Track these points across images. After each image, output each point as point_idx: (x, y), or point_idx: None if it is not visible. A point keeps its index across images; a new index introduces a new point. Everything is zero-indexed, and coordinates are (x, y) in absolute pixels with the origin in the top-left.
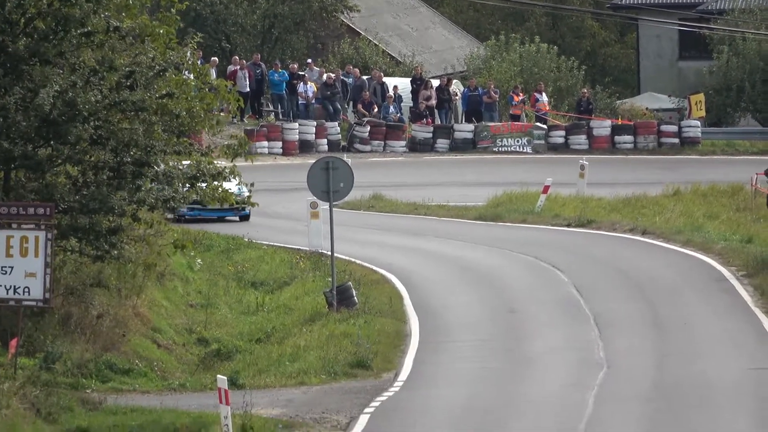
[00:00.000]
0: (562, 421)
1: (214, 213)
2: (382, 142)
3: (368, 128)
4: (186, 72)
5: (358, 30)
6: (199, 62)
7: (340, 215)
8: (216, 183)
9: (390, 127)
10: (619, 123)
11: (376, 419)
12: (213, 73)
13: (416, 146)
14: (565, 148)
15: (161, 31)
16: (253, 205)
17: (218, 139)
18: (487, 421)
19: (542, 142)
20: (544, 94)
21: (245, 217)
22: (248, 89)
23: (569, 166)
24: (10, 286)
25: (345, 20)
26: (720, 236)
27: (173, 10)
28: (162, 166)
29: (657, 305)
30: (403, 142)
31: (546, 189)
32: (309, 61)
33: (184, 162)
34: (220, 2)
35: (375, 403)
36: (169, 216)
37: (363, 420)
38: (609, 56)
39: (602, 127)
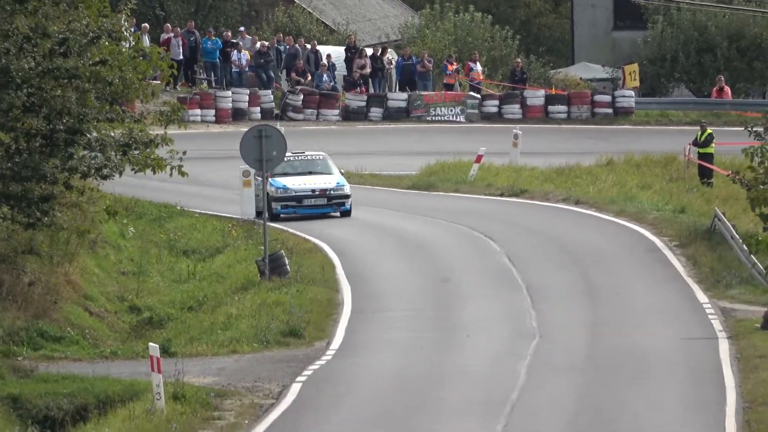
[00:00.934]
0: (494, 391)
1: (311, 210)
2: (316, 111)
3: (301, 97)
4: (119, 40)
5: None
6: (132, 29)
7: None
8: (148, 150)
9: (323, 95)
10: (553, 93)
11: (308, 388)
12: (146, 39)
13: (350, 115)
14: (498, 117)
15: None
16: (184, 174)
17: (151, 106)
18: (419, 389)
19: (476, 111)
20: (478, 63)
21: (346, 213)
22: (181, 57)
23: (502, 135)
24: None
25: None
26: (653, 206)
27: None
28: (95, 133)
29: (590, 275)
30: (337, 111)
31: (479, 158)
32: (242, 29)
33: (116, 130)
34: None
35: (307, 372)
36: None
37: (295, 388)
38: (543, 26)
39: (536, 96)
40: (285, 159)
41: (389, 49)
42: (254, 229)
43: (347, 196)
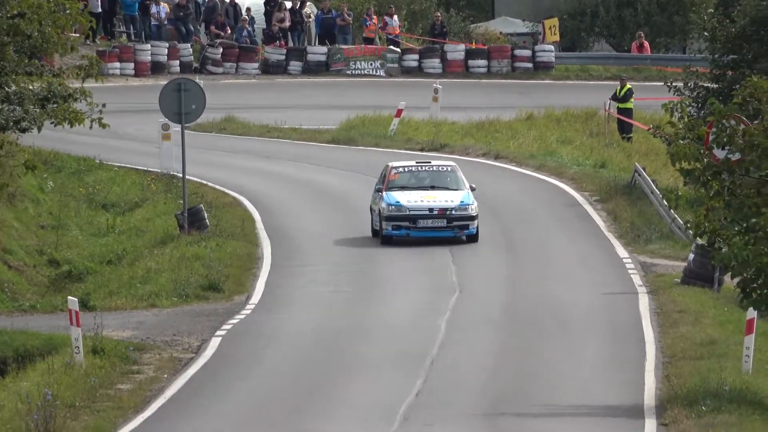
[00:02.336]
0: (414, 345)
1: (427, 233)
2: (235, 64)
3: (221, 50)
4: None
5: None
6: None
7: (192, 137)
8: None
9: (243, 49)
10: (473, 47)
11: (228, 342)
12: None
13: (269, 68)
14: (418, 71)
15: None
16: (104, 126)
17: (70, 59)
18: (339, 344)
19: (395, 65)
20: (395, 17)
21: (472, 237)
22: (100, 10)
23: (423, 89)
24: None
25: None
26: (573, 161)
27: None
28: (13, 87)
29: (510, 230)
30: (256, 64)
31: (399, 113)
32: None
33: (35, 83)
34: None
35: (227, 326)
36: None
37: (214, 343)
38: None
39: (456, 51)
40: (406, 169)
41: (308, 3)
42: (173, 183)
43: (472, 218)
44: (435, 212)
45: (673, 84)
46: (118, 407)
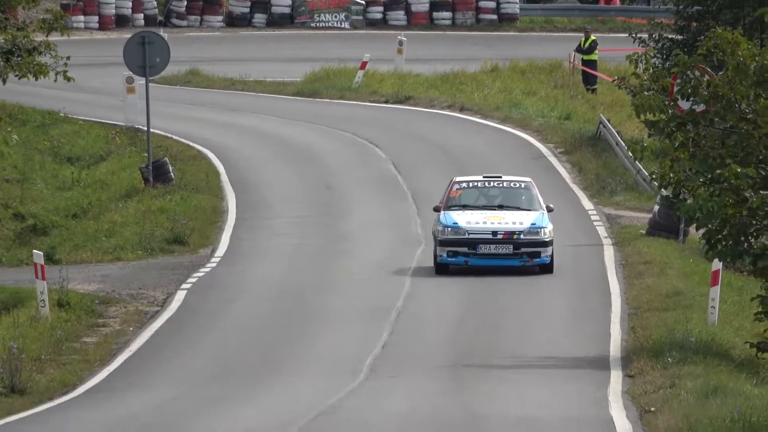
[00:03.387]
0: (379, 298)
1: (490, 260)
2: (199, 17)
3: (185, 3)
4: None
5: None
6: None
7: (156, 90)
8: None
9: (207, 1)
10: None
11: (193, 295)
12: None
13: (233, 21)
14: (383, 23)
15: None
16: (69, 79)
17: (34, 13)
18: (305, 297)
19: (360, 17)
20: None
21: (546, 267)
22: None
23: (387, 42)
24: None
25: None
26: (538, 113)
27: None
28: None
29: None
30: (220, 17)
31: (363, 65)
32: None
33: None
34: None
35: (192, 279)
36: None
37: (180, 296)
38: None
39: (420, 3)
40: (471, 184)
41: None
42: (138, 136)
43: (545, 244)
44: (499, 236)
45: (638, 35)
46: (83, 360)
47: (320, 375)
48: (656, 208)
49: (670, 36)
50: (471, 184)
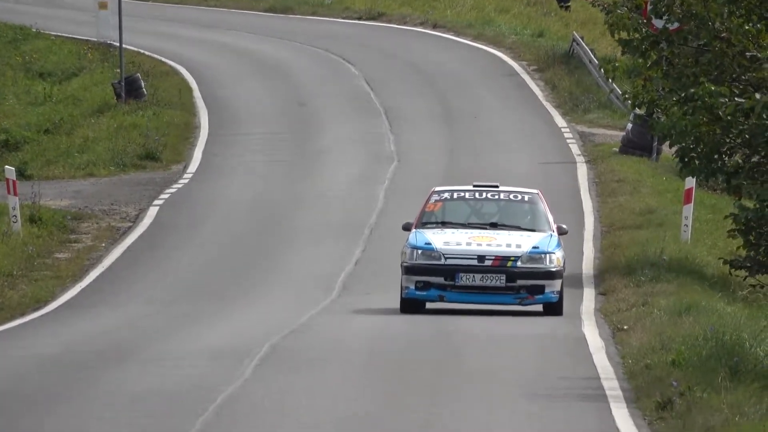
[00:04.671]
0: (352, 215)
1: (474, 296)
2: None
3: None
4: None
5: None
6: None
7: (129, 6)
8: None
9: None
10: None
11: (166, 210)
12: None
13: None
14: None
15: None
16: None
17: None
18: (277, 213)
19: None
20: None
21: (552, 308)
22: None
23: None
24: None
25: None
26: (511, 30)
27: None
28: None
29: (448, 99)
30: None
31: None
32: None
33: None
34: None
35: (164, 195)
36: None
37: (152, 211)
38: None
39: None
40: (456, 195)
41: None
42: (110, 52)
43: (552, 275)
44: (488, 262)
45: None
46: (56, 276)
47: (294, 292)
48: (629, 126)
49: None
50: (456, 195)
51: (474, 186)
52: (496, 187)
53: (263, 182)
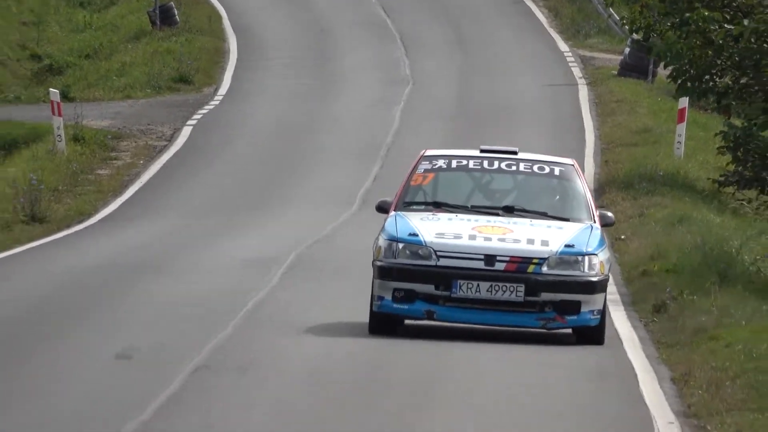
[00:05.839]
0: (371, 135)
1: (480, 314)
2: None
3: None
4: None
5: None
6: None
7: None
8: None
9: None
10: None
11: (198, 131)
12: None
13: None
14: None
15: None
16: None
17: None
18: (301, 134)
19: None
20: None
21: (590, 333)
22: None
23: None
24: None
25: None
26: None
27: None
28: None
29: (460, 26)
30: None
31: None
32: None
33: None
34: None
35: (197, 116)
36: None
37: (186, 131)
38: None
39: None
40: (456, 163)
41: None
42: None
43: (592, 287)
44: (500, 265)
45: None
46: (98, 191)
47: (316, 207)
48: (627, 50)
49: None
50: (455, 164)
51: (482, 151)
52: (515, 153)
53: (287, 104)
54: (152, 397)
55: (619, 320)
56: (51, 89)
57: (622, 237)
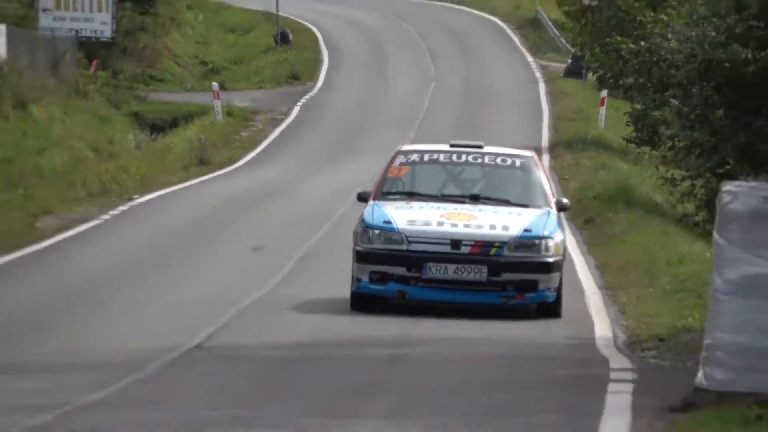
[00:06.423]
0: (409, 113)
1: (447, 293)
2: None
3: None
4: None
5: None
6: None
7: None
8: None
9: None
10: None
11: (304, 110)
12: None
13: None
14: None
15: None
16: None
17: None
18: (367, 111)
19: None
20: None
21: (549, 308)
22: None
23: None
24: (92, 29)
25: None
26: (503, 6)
27: None
28: None
29: (465, 43)
30: None
31: None
32: None
33: None
34: None
35: (303, 100)
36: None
37: (296, 110)
38: None
39: None
40: (427, 157)
41: None
42: (272, 17)
43: (548, 267)
44: (465, 249)
45: None
46: (242, 146)
47: (375, 155)
48: (569, 61)
49: None
50: (427, 157)
51: (451, 145)
52: (480, 147)
53: (358, 92)
54: (272, 276)
55: (568, 232)
56: (213, 83)
57: (566, 177)
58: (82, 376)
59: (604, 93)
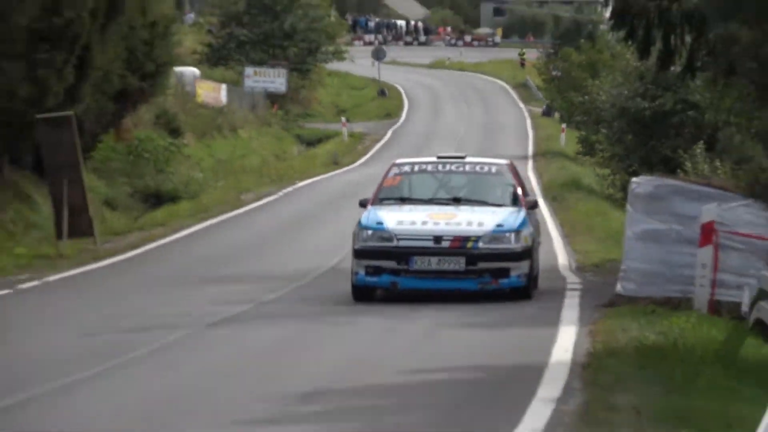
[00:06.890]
0: (453, 133)
1: (433, 281)
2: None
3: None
4: None
5: None
6: None
7: (385, 64)
8: None
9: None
10: None
11: (394, 134)
12: None
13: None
14: None
15: None
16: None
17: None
18: (430, 133)
19: None
20: None
21: (520, 291)
22: None
23: None
24: (274, 87)
25: None
26: (510, 76)
27: None
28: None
29: (482, 96)
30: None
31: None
32: None
33: None
34: None
35: (393, 128)
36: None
37: (389, 133)
38: None
39: None
40: (417, 168)
41: None
42: (376, 81)
43: (518, 256)
44: (446, 243)
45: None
46: (359, 154)
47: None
48: (544, 107)
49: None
50: (417, 168)
51: (438, 158)
52: (463, 158)
53: (426, 122)
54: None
55: (542, 204)
56: (342, 117)
57: (542, 174)
58: (265, 285)
59: (564, 125)
